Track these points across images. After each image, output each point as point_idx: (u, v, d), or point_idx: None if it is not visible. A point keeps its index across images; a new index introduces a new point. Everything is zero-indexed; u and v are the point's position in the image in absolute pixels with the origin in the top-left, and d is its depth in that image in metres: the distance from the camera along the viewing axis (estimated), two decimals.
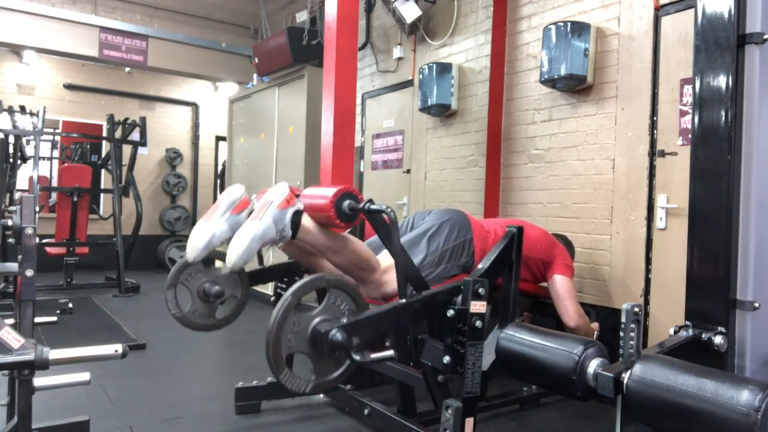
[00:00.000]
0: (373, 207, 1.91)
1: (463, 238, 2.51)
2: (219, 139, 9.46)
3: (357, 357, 1.67)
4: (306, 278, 1.67)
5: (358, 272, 2.17)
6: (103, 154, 7.58)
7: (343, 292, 1.70)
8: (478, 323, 1.89)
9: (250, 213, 2.00)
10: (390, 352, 1.78)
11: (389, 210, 1.90)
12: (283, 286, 2.98)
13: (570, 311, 2.74)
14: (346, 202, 1.93)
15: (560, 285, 2.79)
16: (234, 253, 1.83)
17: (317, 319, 1.65)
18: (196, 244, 2.02)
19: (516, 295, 2.23)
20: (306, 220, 1.98)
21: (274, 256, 5.96)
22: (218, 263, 2.30)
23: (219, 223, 2.03)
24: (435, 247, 2.41)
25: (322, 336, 1.62)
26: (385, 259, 2.31)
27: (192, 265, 2.27)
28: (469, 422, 1.88)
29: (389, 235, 1.94)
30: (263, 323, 2.89)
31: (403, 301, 1.92)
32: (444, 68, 4.49)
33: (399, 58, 5.20)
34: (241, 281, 2.40)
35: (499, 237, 2.66)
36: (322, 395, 3.12)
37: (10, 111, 6.41)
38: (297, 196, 2.11)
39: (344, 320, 1.67)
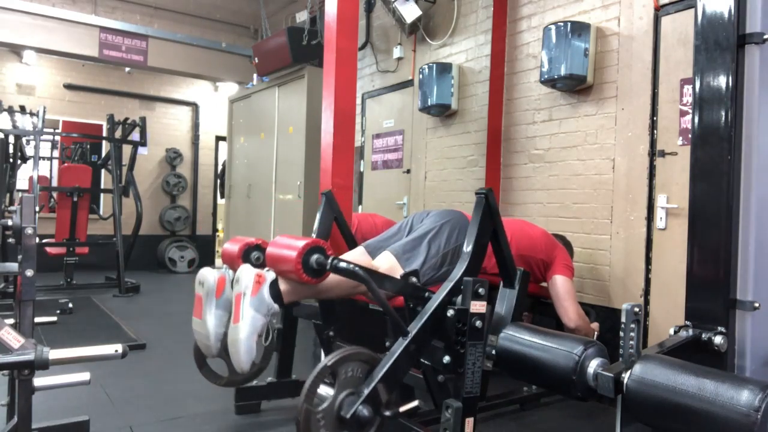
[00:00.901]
0: (340, 266, 1.85)
1: (464, 239, 2.50)
2: (219, 139, 9.46)
3: (388, 413, 1.68)
4: (309, 378, 1.62)
5: (356, 291, 2.19)
6: (103, 154, 7.57)
7: (351, 362, 1.68)
8: (478, 323, 1.89)
9: (233, 281, 2.01)
10: (416, 403, 1.80)
11: (357, 269, 1.83)
12: None
13: (570, 312, 2.74)
14: (314, 257, 1.89)
15: (560, 285, 2.79)
16: (239, 361, 1.89)
17: (338, 403, 1.63)
18: (205, 343, 2.09)
19: (510, 257, 2.19)
20: (284, 285, 1.99)
21: None
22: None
23: (211, 315, 2.07)
24: (435, 249, 2.41)
25: (349, 414, 1.62)
26: (381, 261, 2.31)
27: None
28: (469, 422, 1.87)
29: (369, 286, 1.86)
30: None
31: (407, 340, 1.86)
32: (444, 68, 4.49)
33: (399, 58, 5.20)
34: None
35: None
36: None
37: (10, 111, 6.41)
38: (263, 250, 2.11)
39: (365, 389, 1.65)
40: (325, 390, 1.65)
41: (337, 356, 1.65)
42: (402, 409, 1.74)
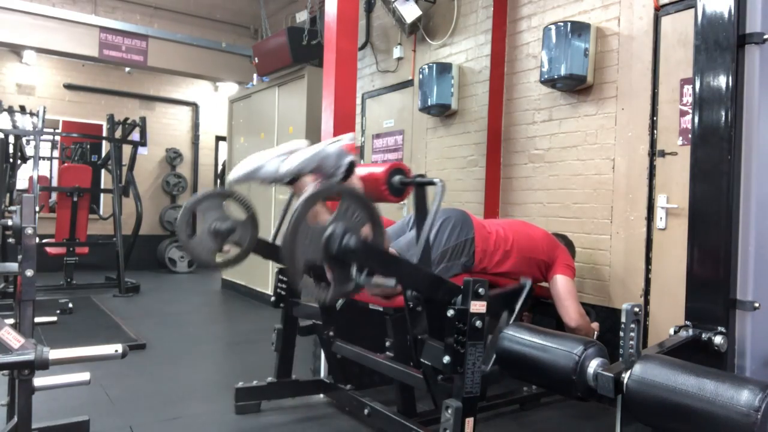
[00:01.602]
0: (423, 180, 2.12)
1: (465, 237, 2.51)
2: (219, 139, 9.46)
3: (361, 277, 1.69)
4: (315, 188, 1.68)
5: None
6: (103, 154, 7.58)
7: (356, 201, 1.71)
8: (478, 323, 1.89)
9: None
10: (391, 281, 1.82)
11: (440, 182, 2.06)
12: (283, 286, 2.99)
13: (571, 311, 2.74)
14: (397, 177, 2.11)
15: (561, 285, 2.79)
16: (294, 160, 1.91)
17: (333, 225, 1.66)
18: (243, 168, 2.06)
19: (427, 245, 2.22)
20: (356, 179, 2.07)
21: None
22: (232, 208, 2.37)
23: (272, 161, 2.04)
24: (436, 245, 2.42)
25: (338, 238, 1.63)
26: None
27: (212, 198, 2.33)
28: (469, 422, 1.88)
29: (425, 208, 2.10)
30: (263, 323, 2.89)
31: (419, 265, 1.98)
32: (444, 68, 4.49)
33: (399, 58, 5.20)
34: (252, 232, 2.41)
35: (501, 238, 2.67)
36: (322, 395, 3.12)
37: (10, 111, 6.41)
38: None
39: (362, 237, 1.70)
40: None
41: (351, 189, 1.74)
42: (378, 280, 1.75)
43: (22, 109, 6.61)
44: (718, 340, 1.74)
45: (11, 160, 6.37)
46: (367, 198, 1.74)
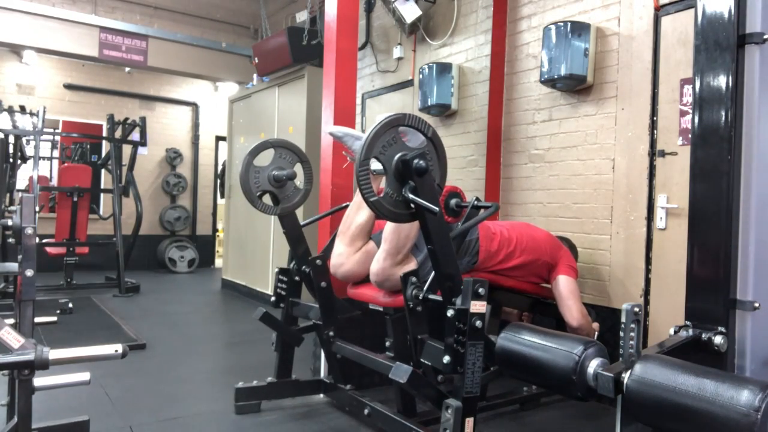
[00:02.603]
0: (480, 204, 2.34)
1: (468, 237, 2.52)
2: (219, 139, 9.46)
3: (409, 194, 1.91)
4: (357, 172, 1.88)
5: (392, 251, 2.36)
6: (103, 154, 7.58)
7: (418, 130, 2.03)
8: (478, 323, 1.89)
9: None
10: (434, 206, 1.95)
11: (495, 204, 2.34)
12: (283, 286, 2.99)
13: (574, 311, 2.74)
14: (453, 201, 2.32)
15: (564, 285, 2.79)
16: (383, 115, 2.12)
17: (407, 151, 1.94)
18: (345, 129, 2.54)
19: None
20: None
21: (276, 255, 5.98)
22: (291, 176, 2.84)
23: (358, 133, 2.47)
24: None
25: (409, 162, 1.90)
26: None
27: (280, 148, 2.90)
28: (469, 422, 1.88)
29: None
30: (263, 323, 2.90)
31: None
32: (444, 68, 4.49)
33: (399, 58, 5.20)
34: (305, 183, 2.93)
35: (505, 239, 2.67)
36: (322, 395, 3.12)
37: (10, 111, 6.42)
38: None
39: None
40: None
41: (367, 143, 1.90)
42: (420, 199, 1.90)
43: (22, 109, 6.61)
44: (718, 340, 1.74)
45: (11, 160, 6.37)
46: (382, 122, 1.96)
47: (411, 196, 1.88)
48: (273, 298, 3.02)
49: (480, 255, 2.55)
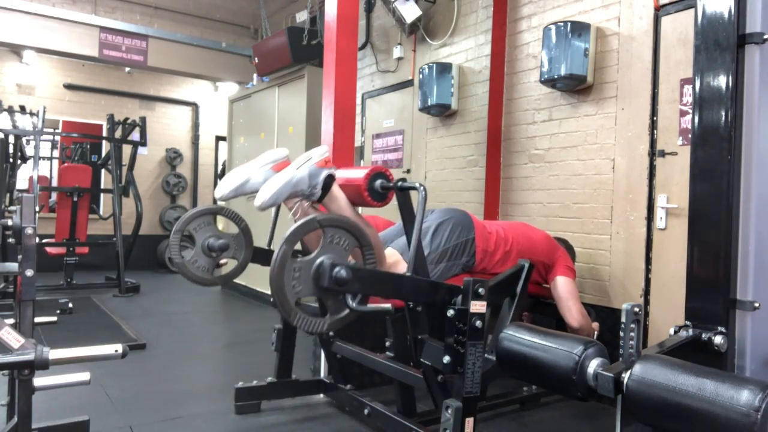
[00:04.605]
0: (405, 184, 2.02)
1: (465, 237, 2.51)
2: (219, 139, 9.46)
3: (354, 304, 1.66)
4: (296, 224, 1.63)
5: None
6: (103, 154, 7.58)
7: (340, 229, 1.67)
8: (478, 323, 1.89)
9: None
10: (388, 306, 1.79)
11: (421, 187, 1.98)
12: None
13: (573, 312, 2.74)
14: (378, 181, 2.03)
15: (563, 286, 2.79)
16: (266, 193, 1.87)
17: (320, 259, 1.63)
18: (229, 183, 2.04)
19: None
20: (336, 189, 2.05)
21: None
22: (221, 225, 2.31)
23: (257, 172, 2.05)
24: (436, 245, 2.42)
25: (327, 270, 1.61)
26: (391, 254, 2.34)
27: (203, 216, 2.33)
28: (469, 422, 1.88)
29: (412, 213, 2.03)
30: (263, 323, 2.89)
31: (413, 275, 1.94)
32: (444, 68, 4.49)
33: (399, 58, 5.20)
34: (246, 244, 2.44)
35: (501, 239, 2.67)
36: (322, 395, 3.12)
37: (10, 111, 6.41)
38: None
39: (352, 262, 1.68)
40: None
41: (332, 217, 1.69)
42: (371, 306, 1.73)
43: (22, 109, 6.61)
44: (718, 340, 1.74)
45: (11, 160, 6.37)
46: (352, 222, 1.70)
47: (356, 307, 1.69)
48: (273, 299, 3.02)
49: (477, 255, 2.55)
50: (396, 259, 2.33)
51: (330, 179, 2.01)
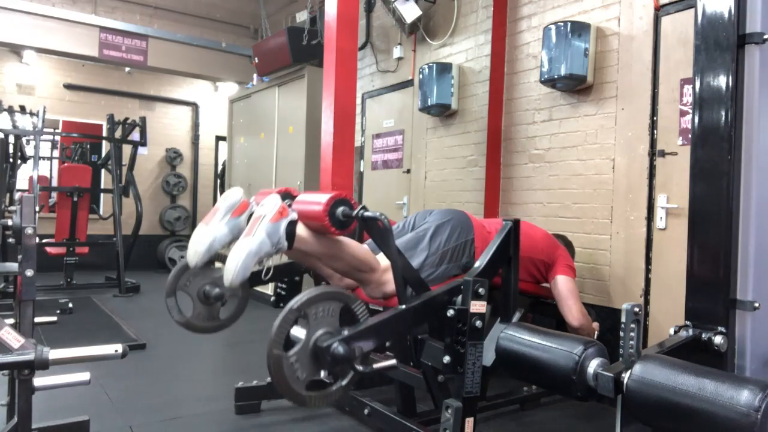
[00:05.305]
0: (366, 214, 1.90)
1: (465, 238, 2.51)
2: (219, 139, 9.46)
3: (360, 367, 1.64)
4: (277, 320, 1.59)
5: (357, 274, 2.18)
6: (103, 154, 7.57)
7: (318, 303, 1.63)
8: (478, 323, 1.89)
9: (250, 216, 1.98)
10: (393, 361, 1.77)
11: (383, 216, 1.89)
12: (283, 286, 2.98)
13: (574, 311, 2.74)
14: (340, 209, 1.92)
15: (563, 285, 2.79)
16: (230, 272, 1.81)
17: (312, 340, 1.60)
18: (197, 248, 2.01)
19: (516, 291, 2.22)
20: (301, 230, 1.97)
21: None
22: (218, 264, 2.28)
23: (219, 226, 2.02)
24: (436, 247, 2.41)
25: (324, 352, 1.58)
26: (384, 258, 2.31)
27: (190, 269, 2.23)
28: (469, 422, 1.88)
29: (385, 241, 1.94)
30: (263, 323, 2.89)
31: (403, 306, 1.89)
32: (444, 68, 4.49)
33: (399, 58, 5.20)
34: (243, 288, 2.39)
35: None
36: None
37: (10, 111, 6.41)
38: (293, 198, 2.11)
39: (345, 332, 1.63)
40: (296, 331, 1.61)
41: (304, 298, 1.60)
42: (377, 365, 1.71)
43: (22, 109, 6.61)
44: (718, 340, 1.74)
45: (11, 160, 6.37)
46: (326, 290, 1.65)
47: (363, 369, 1.66)
48: (273, 298, 3.02)
49: (477, 256, 2.54)
50: (389, 263, 2.31)
51: (292, 227, 1.93)
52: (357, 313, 1.69)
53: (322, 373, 1.65)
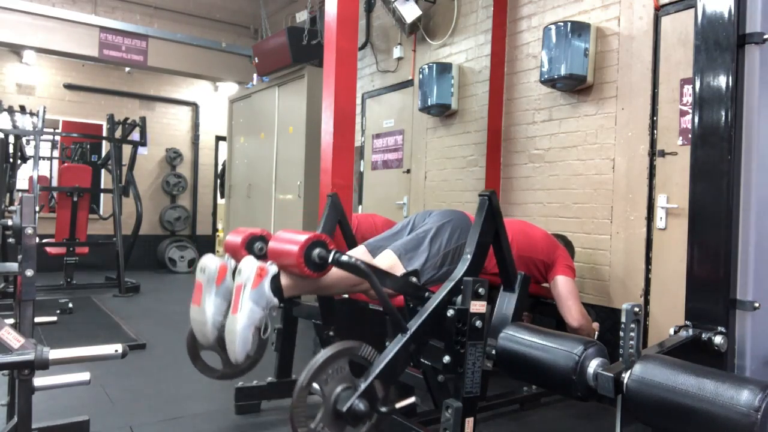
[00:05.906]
0: (342, 259, 1.85)
1: (465, 239, 2.51)
2: (219, 139, 9.46)
3: (384, 409, 1.67)
4: (293, 398, 1.64)
5: (356, 288, 2.18)
6: (103, 154, 7.58)
7: (325, 367, 1.64)
8: (478, 323, 1.89)
9: (234, 270, 1.98)
10: (412, 399, 1.80)
11: (359, 263, 1.84)
12: None
13: (573, 311, 2.74)
14: (316, 251, 1.89)
15: (563, 285, 2.79)
16: (233, 353, 1.85)
17: (331, 403, 1.64)
18: (202, 329, 2.03)
19: (511, 259, 2.17)
20: (285, 280, 1.96)
21: None
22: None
23: (210, 302, 2.03)
24: (437, 248, 2.41)
25: (345, 414, 1.62)
26: (383, 260, 2.31)
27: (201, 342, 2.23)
28: (469, 422, 1.87)
29: (368, 279, 1.86)
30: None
31: (407, 334, 1.86)
32: (444, 68, 4.49)
33: (399, 58, 5.20)
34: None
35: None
36: None
37: (10, 111, 6.41)
38: (266, 241, 2.07)
39: (361, 383, 1.65)
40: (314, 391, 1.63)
41: (309, 373, 1.62)
42: (398, 405, 1.73)
43: (22, 109, 6.61)
44: (718, 340, 1.74)
45: (11, 160, 6.37)
46: (328, 354, 1.65)
47: (385, 410, 1.68)
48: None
49: None
50: (392, 263, 2.31)
51: (276, 282, 1.92)
52: (366, 357, 1.71)
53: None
